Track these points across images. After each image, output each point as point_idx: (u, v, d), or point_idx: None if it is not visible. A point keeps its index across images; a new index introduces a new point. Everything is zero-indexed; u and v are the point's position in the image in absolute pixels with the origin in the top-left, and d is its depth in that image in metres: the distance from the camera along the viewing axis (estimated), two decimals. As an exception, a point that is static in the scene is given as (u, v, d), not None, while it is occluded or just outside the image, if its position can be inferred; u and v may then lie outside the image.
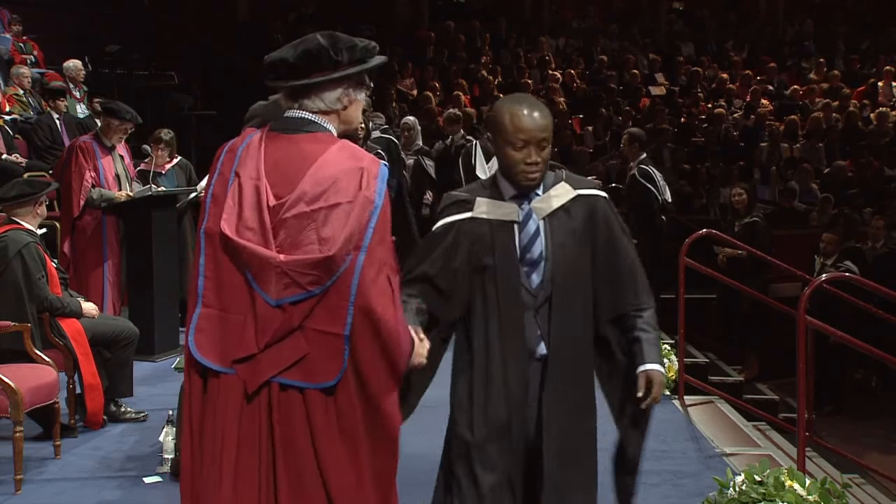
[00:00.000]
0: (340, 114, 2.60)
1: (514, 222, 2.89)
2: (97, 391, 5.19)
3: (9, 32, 12.01)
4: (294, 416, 2.46)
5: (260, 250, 2.43)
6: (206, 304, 2.48)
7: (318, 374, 2.44)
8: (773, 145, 13.96)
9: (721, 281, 7.08)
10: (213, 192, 2.53)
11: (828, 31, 18.73)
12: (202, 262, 2.49)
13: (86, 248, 6.86)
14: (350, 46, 2.55)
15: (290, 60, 2.52)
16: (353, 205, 2.45)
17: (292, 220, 2.44)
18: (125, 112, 6.86)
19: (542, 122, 2.82)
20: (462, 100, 13.90)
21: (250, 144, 2.54)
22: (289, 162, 2.50)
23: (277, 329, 2.43)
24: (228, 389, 2.47)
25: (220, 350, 2.47)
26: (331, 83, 2.55)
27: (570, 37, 18.07)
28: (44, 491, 4.48)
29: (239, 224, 2.45)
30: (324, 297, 2.43)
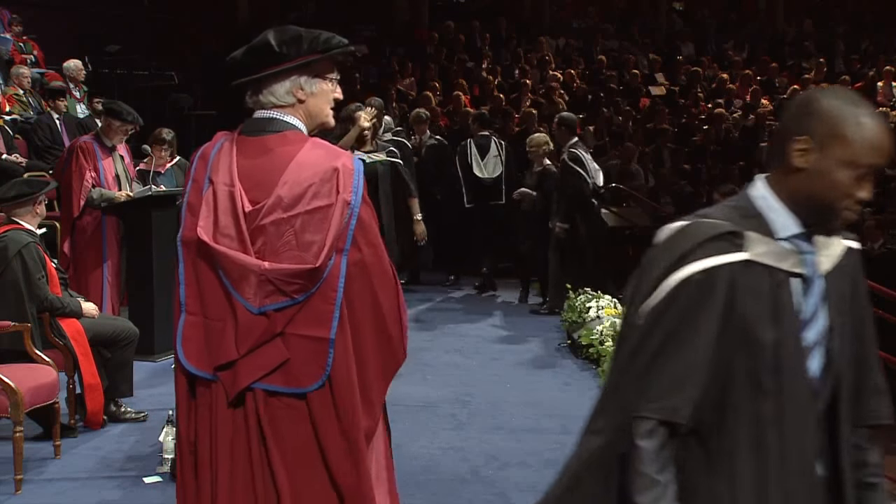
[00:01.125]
0: (300, 108, 2.59)
1: (799, 276, 1.95)
2: (97, 391, 5.19)
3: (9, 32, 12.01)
4: (283, 420, 2.46)
5: (240, 257, 2.42)
6: (189, 312, 2.49)
7: (299, 378, 2.44)
8: (772, 145, 13.97)
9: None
10: (189, 201, 2.53)
11: (828, 31, 18.74)
12: (181, 270, 2.51)
13: (85, 248, 6.86)
14: (295, 39, 2.56)
15: (238, 59, 2.58)
16: (331, 208, 2.45)
17: (270, 227, 2.44)
18: (127, 113, 6.86)
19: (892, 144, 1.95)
20: (462, 100, 13.90)
21: (222, 149, 2.54)
22: (262, 166, 2.50)
23: (259, 336, 2.43)
24: (216, 396, 2.48)
25: (206, 357, 2.48)
26: (277, 76, 2.56)
27: (570, 37, 18.07)
28: (44, 491, 4.48)
29: (216, 231, 2.45)
30: (306, 303, 2.43)
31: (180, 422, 2.56)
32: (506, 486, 4.55)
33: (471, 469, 4.79)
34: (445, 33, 16.96)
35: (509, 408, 5.87)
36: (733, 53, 17.89)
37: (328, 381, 2.45)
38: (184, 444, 2.54)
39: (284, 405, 2.46)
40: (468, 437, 5.32)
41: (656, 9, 19.56)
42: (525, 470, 4.77)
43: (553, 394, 6.25)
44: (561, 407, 5.91)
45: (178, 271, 2.52)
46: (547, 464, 4.84)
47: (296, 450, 2.46)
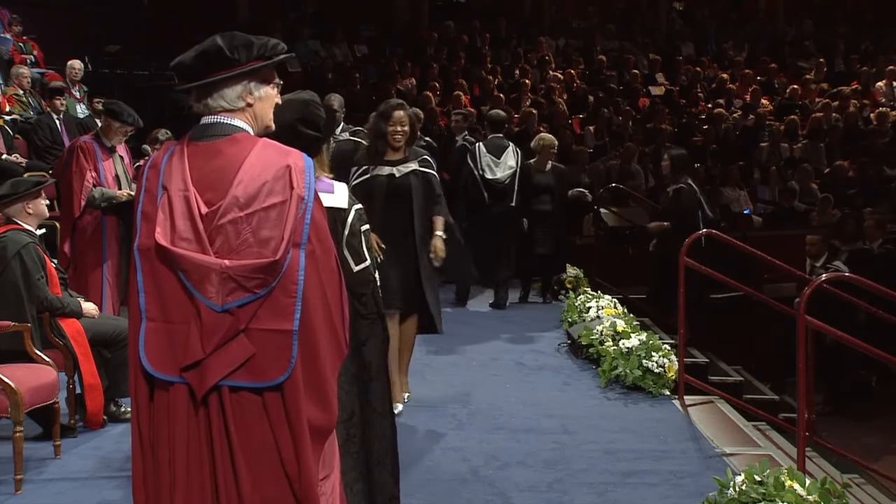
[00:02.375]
0: (248, 112, 2.65)
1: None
2: (97, 391, 5.19)
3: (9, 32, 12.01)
4: (249, 413, 2.51)
5: (199, 258, 2.47)
6: (150, 319, 2.52)
7: (265, 372, 2.49)
8: (773, 145, 13.97)
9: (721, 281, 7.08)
10: (143, 210, 2.57)
11: (828, 31, 18.75)
12: (139, 278, 2.54)
13: (85, 248, 6.85)
14: (246, 44, 2.61)
15: (188, 63, 2.60)
16: (286, 204, 2.51)
17: (228, 226, 2.49)
18: (127, 115, 6.85)
19: None
20: (462, 100, 13.90)
21: (172, 157, 2.59)
22: (214, 169, 2.55)
23: (224, 334, 2.47)
24: (178, 397, 2.52)
25: (170, 360, 2.51)
26: (228, 81, 2.61)
27: (570, 37, 18.09)
28: (44, 491, 4.48)
29: (174, 235, 2.50)
30: (268, 297, 2.49)
31: (141, 425, 2.58)
32: (506, 486, 4.55)
33: (471, 469, 4.79)
34: (445, 33, 16.97)
35: (509, 408, 5.86)
36: (733, 53, 17.90)
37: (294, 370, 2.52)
38: (145, 446, 2.58)
39: (248, 401, 2.51)
40: (468, 437, 5.32)
41: (656, 9, 19.56)
42: (525, 470, 4.76)
43: (553, 394, 6.25)
44: (561, 407, 5.91)
45: (135, 279, 2.56)
46: (547, 464, 4.84)
47: (259, 443, 2.52)
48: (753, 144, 14.13)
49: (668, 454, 5.04)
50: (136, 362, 2.56)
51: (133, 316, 2.58)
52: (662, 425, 5.54)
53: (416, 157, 5.60)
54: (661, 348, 6.38)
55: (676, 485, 4.59)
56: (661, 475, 4.71)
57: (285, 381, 2.50)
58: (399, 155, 5.53)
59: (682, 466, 4.85)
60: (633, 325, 6.94)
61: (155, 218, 2.53)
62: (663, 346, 6.45)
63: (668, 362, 6.19)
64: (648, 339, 6.50)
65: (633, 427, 5.49)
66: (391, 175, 5.48)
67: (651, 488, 4.54)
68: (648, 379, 6.13)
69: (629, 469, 4.77)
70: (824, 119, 14.61)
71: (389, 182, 5.47)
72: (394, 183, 5.48)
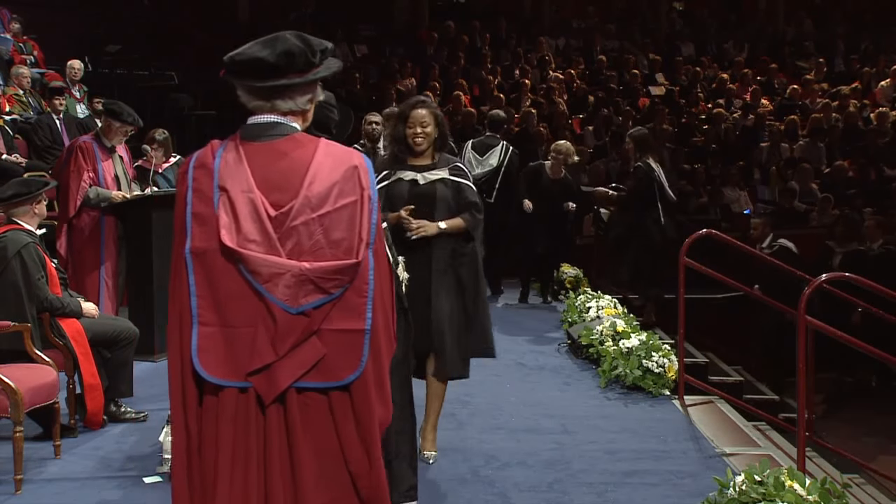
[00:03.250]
0: (306, 115, 2.62)
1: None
2: (97, 391, 5.19)
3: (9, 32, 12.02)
4: (315, 415, 2.48)
5: (273, 259, 2.43)
6: (203, 324, 2.47)
7: (337, 371, 2.48)
8: (773, 145, 13.97)
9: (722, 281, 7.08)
10: (195, 211, 2.49)
11: (828, 31, 18.74)
12: (192, 282, 2.47)
13: (83, 248, 6.85)
14: (323, 49, 2.57)
15: (270, 60, 2.49)
16: (357, 204, 2.49)
17: (301, 228, 2.46)
18: (127, 115, 6.84)
19: None
20: (462, 100, 13.90)
21: (227, 157, 2.52)
22: (280, 170, 2.50)
23: (299, 335, 2.44)
24: (227, 400, 2.47)
25: (230, 365, 2.46)
26: (306, 85, 2.56)
27: (570, 37, 18.09)
28: (44, 491, 4.48)
29: (240, 237, 2.44)
30: (340, 298, 2.47)
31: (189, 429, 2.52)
32: (506, 486, 4.55)
33: (471, 469, 4.79)
34: (445, 33, 16.97)
35: (509, 408, 5.86)
36: (733, 53, 17.90)
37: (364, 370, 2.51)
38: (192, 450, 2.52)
39: (315, 401, 2.49)
40: (468, 437, 5.32)
41: (656, 9, 19.56)
42: (525, 470, 4.76)
43: (553, 394, 6.25)
44: (561, 407, 5.91)
45: (186, 282, 2.48)
46: (547, 464, 4.84)
47: (324, 443, 2.50)
48: (753, 144, 14.12)
49: (668, 454, 5.04)
50: (183, 367, 2.49)
51: (180, 320, 2.50)
52: (662, 425, 5.54)
53: (448, 164, 4.71)
54: (661, 348, 6.38)
55: (676, 485, 4.59)
56: (661, 475, 4.70)
57: (355, 380, 2.49)
58: (425, 160, 4.68)
59: (682, 466, 4.84)
60: (633, 325, 6.95)
61: (209, 220, 2.46)
62: (663, 346, 6.45)
63: (668, 362, 6.19)
64: (648, 339, 6.50)
65: (633, 427, 5.49)
66: (414, 181, 4.65)
67: (651, 488, 4.54)
68: (648, 379, 6.13)
69: (629, 469, 4.77)
70: (824, 119, 14.61)
71: (412, 188, 4.63)
72: (416, 190, 4.63)
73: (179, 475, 2.55)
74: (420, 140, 4.61)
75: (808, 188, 12.72)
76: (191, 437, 2.52)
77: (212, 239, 2.46)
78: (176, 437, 2.56)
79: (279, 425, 2.48)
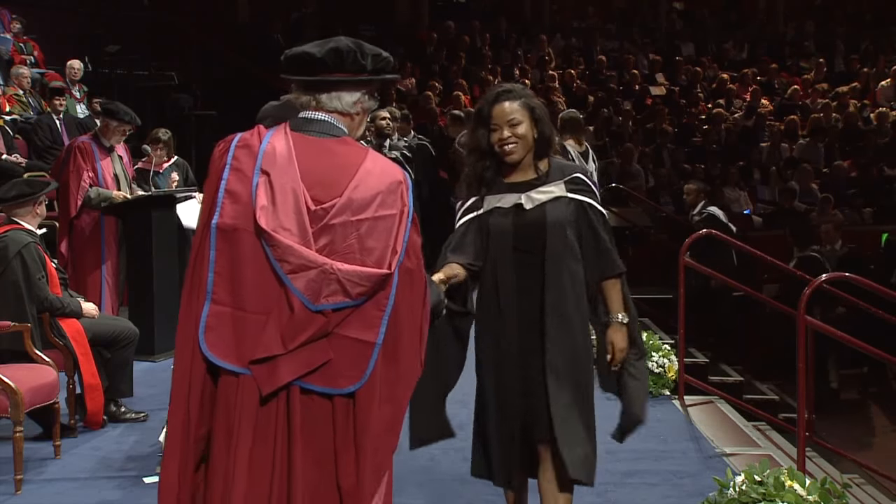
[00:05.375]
0: (355, 119, 2.60)
1: None
2: (97, 391, 5.19)
3: (9, 32, 12.02)
4: (317, 419, 2.45)
5: (305, 251, 2.39)
6: (216, 302, 2.42)
7: (339, 379, 2.43)
8: (773, 145, 13.97)
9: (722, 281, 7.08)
10: (229, 188, 2.45)
11: (828, 31, 18.74)
12: (212, 256, 2.42)
13: (83, 248, 6.86)
14: (375, 55, 2.56)
15: (317, 55, 2.51)
16: (396, 217, 2.47)
17: (338, 227, 2.43)
18: (124, 114, 6.85)
19: None
20: (462, 100, 13.90)
21: (275, 143, 2.49)
22: (326, 166, 2.48)
23: (312, 333, 2.40)
24: (243, 390, 2.43)
25: (235, 350, 2.42)
26: (352, 85, 2.55)
27: (570, 37, 18.09)
28: (44, 491, 4.48)
29: (276, 223, 2.41)
30: (360, 306, 2.43)
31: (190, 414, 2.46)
32: (506, 486, 4.54)
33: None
34: (445, 33, 16.97)
35: (509, 408, 5.85)
36: (733, 53, 17.89)
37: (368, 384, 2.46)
38: (190, 439, 2.48)
39: (318, 406, 2.45)
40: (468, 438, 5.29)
41: (656, 9, 19.56)
42: (525, 470, 4.75)
43: (553, 394, 6.24)
44: (561, 407, 5.89)
45: (205, 256, 2.43)
46: (547, 464, 4.83)
47: (320, 450, 2.46)
48: (753, 144, 14.12)
49: (668, 454, 5.04)
50: (188, 344, 2.45)
51: (193, 295, 2.45)
52: (662, 425, 5.53)
53: (563, 176, 3.37)
54: (661, 348, 6.38)
55: (676, 485, 4.59)
56: (661, 475, 4.70)
57: (359, 392, 2.44)
58: (527, 173, 3.36)
59: (682, 466, 4.84)
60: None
61: (244, 199, 2.43)
62: (663, 346, 6.45)
63: (668, 362, 6.19)
64: (648, 339, 6.49)
65: (633, 427, 5.48)
66: (518, 207, 3.32)
67: (651, 488, 4.54)
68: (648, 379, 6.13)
69: (629, 469, 4.76)
70: (824, 119, 14.60)
71: (517, 218, 3.31)
72: (522, 221, 3.31)
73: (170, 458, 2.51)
74: (511, 146, 3.29)
75: (808, 188, 12.71)
76: (191, 422, 2.47)
77: (242, 218, 2.42)
78: (172, 419, 2.50)
79: (283, 424, 2.44)
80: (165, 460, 2.53)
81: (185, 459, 2.49)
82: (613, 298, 3.40)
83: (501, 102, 3.33)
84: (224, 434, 2.44)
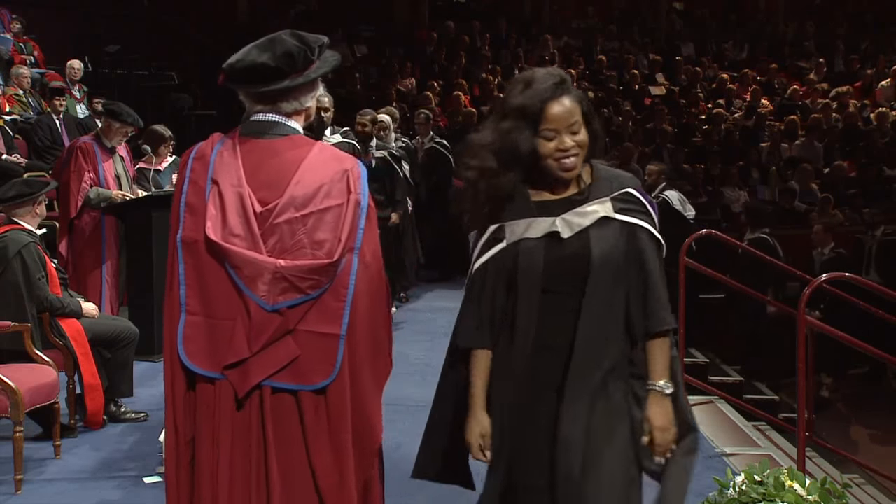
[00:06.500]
0: (305, 114, 2.61)
1: None
2: (97, 391, 5.19)
3: (9, 32, 12.03)
4: (287, 418, 2.48)
5: (253, 255, 2.44)
6: (190, 312, 2.49)
7: (310, 375, 2.47)
8: (773, 145, 13.96)
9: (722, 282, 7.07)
10: (188, 201, 2.52)
11: (828, 31, 18.73)
12: (181, 270, 2.49)
13: (84, 248, 6.85)
14: (320, 45, 2.57)
15: (272, 64, 2.48)
16: (343, 207, 2.48)
17: (283, 226, 2.46)
18: (127, 115, 6.85)
19: None
20: (462, 100, 13.90)
21: (223, 151, 2.53)
22: (270, 168, 2.51)
23: (273, 333, 2.44)
24: (220, 394, 2.48)
25: (211, 356, 2.48)
26: (308, 83, 2.56)
27: (570, 37, 18.08)
28: (44, 491, 4.48)
29: (225, 231, 2.46)
30: (319, 300, 2.46)
31: (177, 421, 2.54)
32: (506, 486, 4.53)
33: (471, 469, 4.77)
34: (445, 33, 16.96)
35: (509, 408, 5.84)
36: (733, 53, 17.89)
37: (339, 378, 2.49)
38: (180, 443, 2.53)
39: (288, 404, 2.48)
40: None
41: (656, 9, 19.55)
42: (525, 470, 4.75)
43: (553, 394, 6.23)
44: (561, 407, 5.89)
45: (176, 271, 2.51)
46: (547, 464, 4.82)
47: (294, 450, 2.48)
48: (753, 144, 14.12)
49: (668, 454, 5.03)
50: (172, 356, 2.51)
51: (171, 309, 2.53)
52: (662, 425, 5.52)
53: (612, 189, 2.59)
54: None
55: (676, 485, 4.58)
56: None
57: (331, 387, 2.47)
58: (567, 188, 2.55)
59: (682, 466, 4.83)
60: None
61: (201, 211, 2.48)
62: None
63: (668, 362, 6.17)
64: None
65: (633, 427, 5.48)
66: (552, 237, 2.49)
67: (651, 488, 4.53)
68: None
69: (629, 469, 4.75)
70: (824, 119, 14.60)
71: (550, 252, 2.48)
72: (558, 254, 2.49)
73: (169, 469, 2.56)
74: (573, 160, 2.50)
75: (808, 188, 12.71)
76: (178, 430, 2.53)
77: (202, 230, 2.48)
78: (168, 426, 2.57)
79: (258, 425, 2.48)
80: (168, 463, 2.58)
81: (180, 463, 2.55)
82: (657, 360, 2.50)
83: (561, 99, 2.44)
84: (207, 438, 2.49)
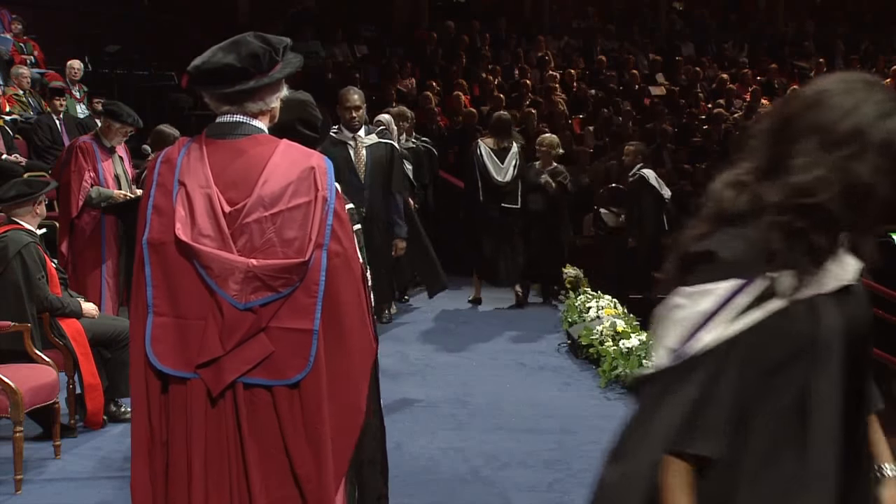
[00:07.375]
0: (270, 114, 2.64)
1: None
2: (97, 391, 5.19)
3: (9, 32, 12.04)
4: (261, 410, 2.51)
5: (224, 255, 2.47)
6: (158, 314, 2.51)
7: (284, 369, 2.50)
8: (773, 145, 13.97)
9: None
10: (155, 203, 2.54)
11: (828, 31, 18.74)
12: (147, 272, 2.52)
13: (84, 248, 6.85)
14: (284, 46, 2.60)
15: (238, 65, 2.52)
16: (311, 204, 2.52)
17: (252, 225, 2.50)
18: (127, 115, 6.85)
19: None
20: (462, 100, 13.90)
21: (190, 153, 2.56)
22: (237, 168, 2.54)
23: (245, 331, 2.48)
24: (192, 393, 2.50)
25: (181, 356, 2.50)
26: (273, 84, 2.59)
27: (570, 37, 18.08)
28: (44, 491, 4.48)
29: (194, 232, 2.49)
30: (290, 297, 2.50)
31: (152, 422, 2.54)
32: (506, 486, 4.55)
33: (471, 469, 4.79)
34: (445, 33, 16.96)
35: (509, 408, 5.86)
36: (733, 53, 17.90)
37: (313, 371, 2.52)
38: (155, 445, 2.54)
39: (261, 399, 2.51)
40: (468, 437, 5.32)
41: (656, 9, 19.56)
42: (525, 470, 4.76)
43: (553, 394, 6.25)
44: (561, 407, 5.91)
45: (142, 273, 2.53)
46: (547, 464, 4.84)
47: (270, 442, 2.52)
48: (753, 144, 14.11)
49: (668, 454, 5.04)
50: (141, 357, 2.53)
51: (138, 310, 2.55)
52: (662, 425, 5.53)
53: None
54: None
55: (676, 485, 4.59)
56: (661, 475, 4.70)
57: (304, 380, 2.50)
58: None
59: (682, 466, 4.84)
60: (633, 325, 6.95)
61: (168, 213, 2.51)
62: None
63: (668, 362, 6.18)
64: (648, 339, 6.50)
65: (633, 427, 5.49)
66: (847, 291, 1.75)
67: (651, 488, 4.54)
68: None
69: (629, 469, 4.76)
70: (824, 119, 14.60)
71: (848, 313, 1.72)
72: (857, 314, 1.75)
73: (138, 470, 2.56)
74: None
75: (808, 188, 12.71)
76: (153, 430, 2.54)
77: (169, 231, 2.50)
78: (136, 428, 2.58)
79: (232, 422, 2.50)
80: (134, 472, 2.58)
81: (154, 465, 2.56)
82: (879, 440, 1.95)
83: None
84: (181, 438, 2.51)
